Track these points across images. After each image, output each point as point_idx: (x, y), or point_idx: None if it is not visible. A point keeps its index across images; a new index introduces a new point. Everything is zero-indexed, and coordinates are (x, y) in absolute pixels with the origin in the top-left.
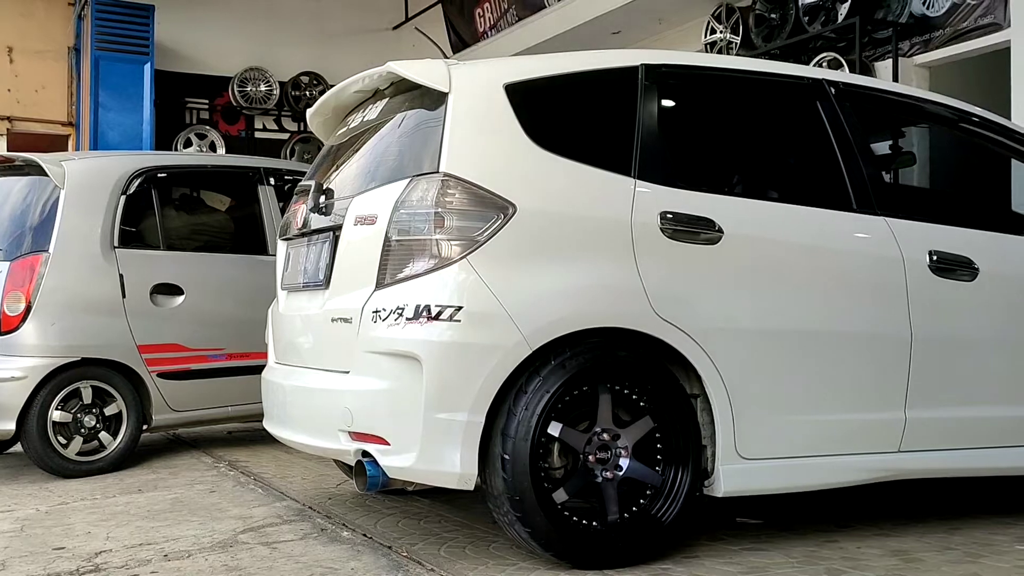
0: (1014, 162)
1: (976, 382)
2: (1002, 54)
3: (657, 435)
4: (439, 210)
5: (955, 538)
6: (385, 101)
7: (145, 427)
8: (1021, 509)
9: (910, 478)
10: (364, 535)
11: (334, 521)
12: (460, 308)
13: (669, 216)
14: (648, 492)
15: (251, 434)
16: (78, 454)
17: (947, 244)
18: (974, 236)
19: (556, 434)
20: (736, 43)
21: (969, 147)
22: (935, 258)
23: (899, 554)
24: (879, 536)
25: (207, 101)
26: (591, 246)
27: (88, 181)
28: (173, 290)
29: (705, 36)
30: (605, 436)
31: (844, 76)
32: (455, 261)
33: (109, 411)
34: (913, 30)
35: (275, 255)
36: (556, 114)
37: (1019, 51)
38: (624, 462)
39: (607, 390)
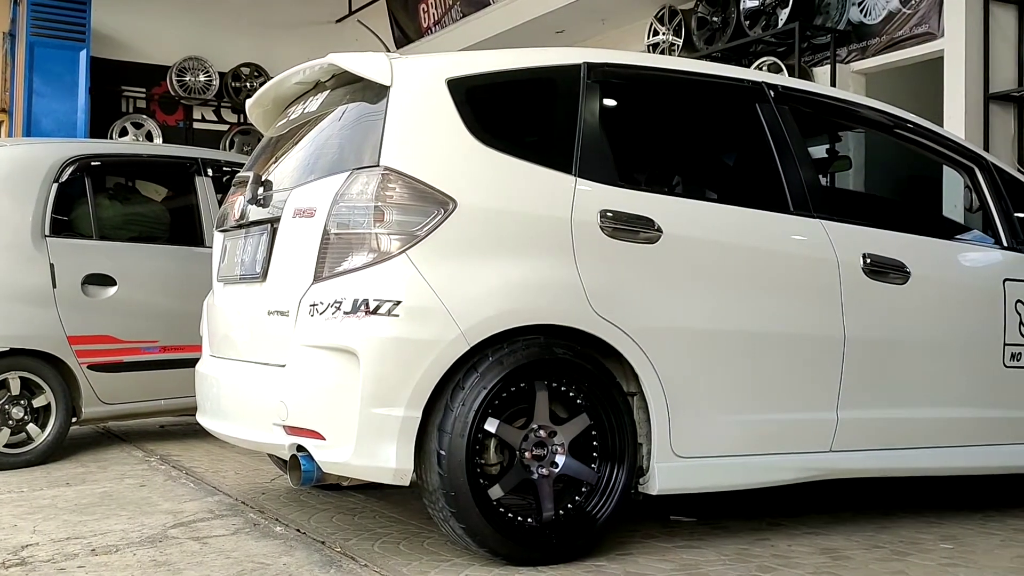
0: (945, 168)
1: (907, 384)
2: (936, 63)
3: (593, 432)
4: (379, 204)
5: (883, 536)
6: (326, 93)
7: (74, 420)
8: (946, 508)
9: (841, 477)
10: (297, 530)
11: (267, 516)
12: (398, 303)
13: (609, 215)
14: (584, 489)
15: (184, 428)
16: (5, 446)
17: (880, 247)
18: (907, 240)
19: (493, 430)
20: (678, 45)
21: (903, 152)
22: (868, 261)
23: (828, 552)
24: (809, 534)
25: (144, 90)
26: (531, 243)
27: (19, 168)
28: (105, 280)
29: (648, 37)
30: (542, 433)
31: (783, 80)
32: (394, 256)
33: (38, 403)
34: (850, 37)
35: (211, 247)
36: (498, 110)
37: (952, 60)
38: (560, 459)
39: (544, 387)
